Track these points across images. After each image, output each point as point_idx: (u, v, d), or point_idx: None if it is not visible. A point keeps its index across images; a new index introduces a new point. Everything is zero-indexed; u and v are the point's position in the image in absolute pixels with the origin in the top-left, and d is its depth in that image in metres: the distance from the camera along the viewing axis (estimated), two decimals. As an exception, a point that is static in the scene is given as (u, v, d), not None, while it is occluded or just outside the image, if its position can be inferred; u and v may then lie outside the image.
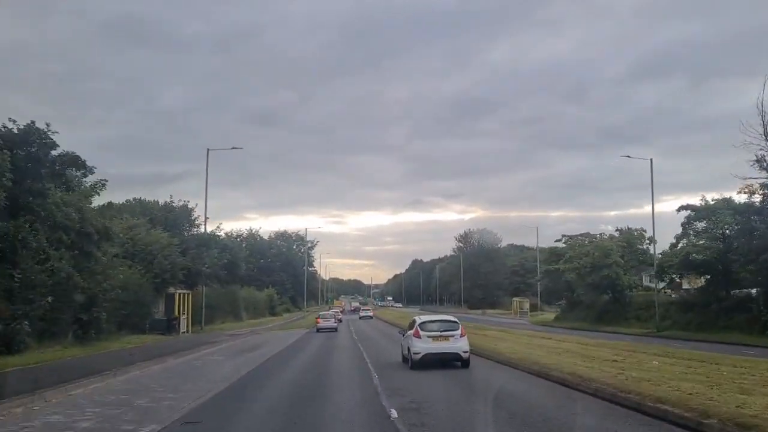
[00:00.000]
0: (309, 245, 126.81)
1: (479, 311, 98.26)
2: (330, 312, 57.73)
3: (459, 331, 19.04)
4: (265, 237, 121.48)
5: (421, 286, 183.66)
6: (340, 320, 60.25)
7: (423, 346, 18.55)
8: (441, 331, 19.06)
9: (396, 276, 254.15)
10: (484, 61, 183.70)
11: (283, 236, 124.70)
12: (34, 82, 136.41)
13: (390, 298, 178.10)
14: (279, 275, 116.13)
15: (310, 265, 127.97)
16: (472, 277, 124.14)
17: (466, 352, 18.81)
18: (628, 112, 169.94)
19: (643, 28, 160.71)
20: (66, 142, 26.12)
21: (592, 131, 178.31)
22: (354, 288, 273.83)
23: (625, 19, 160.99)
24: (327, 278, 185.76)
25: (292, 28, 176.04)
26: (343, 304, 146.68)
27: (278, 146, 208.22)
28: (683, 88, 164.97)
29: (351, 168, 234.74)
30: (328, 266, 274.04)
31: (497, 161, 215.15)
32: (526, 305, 77.67)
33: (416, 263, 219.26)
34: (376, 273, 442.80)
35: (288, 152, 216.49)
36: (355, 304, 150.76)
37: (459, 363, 18.69)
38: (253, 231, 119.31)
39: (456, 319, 20.51)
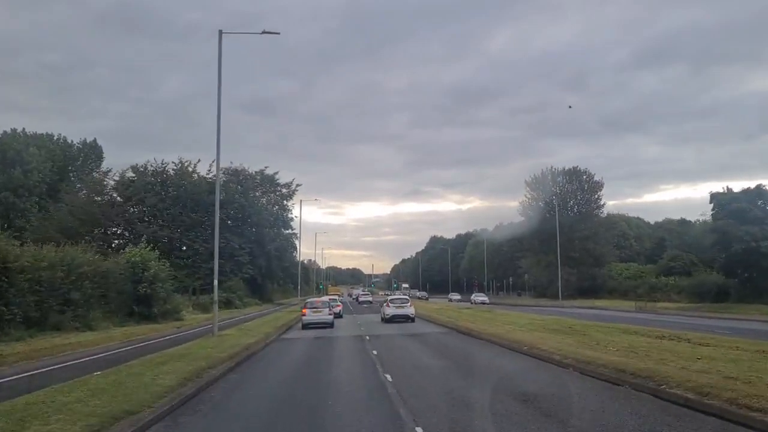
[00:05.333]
0: (284, 190, 75.49)
1: (631, 304, 47.62)
2: (323, 299, 37.36)
3: (409, 303, 35.91)
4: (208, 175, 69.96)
5: (449, 267, 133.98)
6: (338, 313, 37.74)
7: (390, 311, 34.53)
8: (400, 304, 35.48)
9: (404, 261, 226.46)
10: (485, 49, 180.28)
11: (237, 176, 72.93)
12: (30, 74, 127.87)
13: (406, 285, 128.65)
14: (226, 239, 65.06)
15: (285, 225, 76.31)
16: (557, 248, 72.75)
17: (413, 314, 34.72)
18: (629, 100, 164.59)
19: (645, 15, 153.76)
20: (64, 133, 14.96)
21: (592, 119, 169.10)
22: (353, 277, 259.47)
23: (627, 4, 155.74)
24: (324, 267, 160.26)
25: (292, 15, 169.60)
26: (340, 292, 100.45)
27: (277, 135, 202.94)
28: (684, 75, 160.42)
29: (350, 158, 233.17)
30: (327, 257, 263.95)
31: (497, 150, 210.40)
32: None
33: (435, 241, 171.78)
34: (375, 263, 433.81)
35: (286, 142, 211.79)
36: (357, 291, 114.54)
37: (410, 320, 33.77)
38: (184, 164, 67.83)
39: (407, 297, 41.64)
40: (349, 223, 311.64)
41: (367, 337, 23.38)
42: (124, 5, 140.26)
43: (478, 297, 71.21)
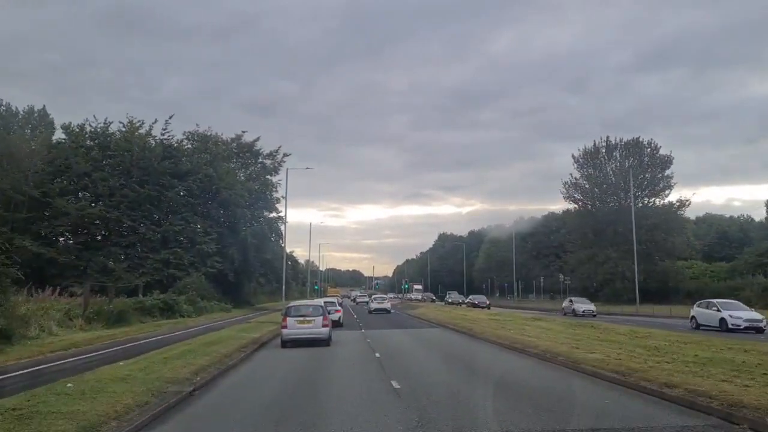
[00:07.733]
0: (268, 161, 59.08)
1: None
2: (315, 303, 24.38)
3: (387, 300, 55.66)
4: (167, 139, 53.00)
5: (464, 266, 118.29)
6: (337, 321, 28.50)
7: (373, 305, 49.05)
8: (380, 300, 51.57)
9: (408, 261, 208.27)
10: (485, 50, 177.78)
11: (204, 142, 56.33)
12: (31, 73, 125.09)
13: (419, 286, 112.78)
14: (185, 221, 48.48)
15: (269, 207, 59.49)
16: (631, 239, 56.42)
17: (390, 308, 49.43)
18: (629, 103, 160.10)
19: (646, 17, 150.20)
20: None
21: (593, 122, 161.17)
22: (353, 279, 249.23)
23: (628, 6, 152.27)
24: (323, 268, 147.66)
25: (292, 15, 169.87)
26: (340, 294, 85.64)
27: (277, 136, 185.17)
28: (685, 77, 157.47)
29: (350, 159, 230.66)
30: (327, 259, 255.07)
31: (497, 152, 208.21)
32: None
33: (444, 238, 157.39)
34: (376, 266, 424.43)
35: (287, 142, 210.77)
36: (354, 293, 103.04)
37: (388, 312, 46.40)
38: (134, 123, 51.44)
39: (386, 296, 66.60)
40: (349, 225, 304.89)
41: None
42: (124, 5, 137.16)
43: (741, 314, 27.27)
